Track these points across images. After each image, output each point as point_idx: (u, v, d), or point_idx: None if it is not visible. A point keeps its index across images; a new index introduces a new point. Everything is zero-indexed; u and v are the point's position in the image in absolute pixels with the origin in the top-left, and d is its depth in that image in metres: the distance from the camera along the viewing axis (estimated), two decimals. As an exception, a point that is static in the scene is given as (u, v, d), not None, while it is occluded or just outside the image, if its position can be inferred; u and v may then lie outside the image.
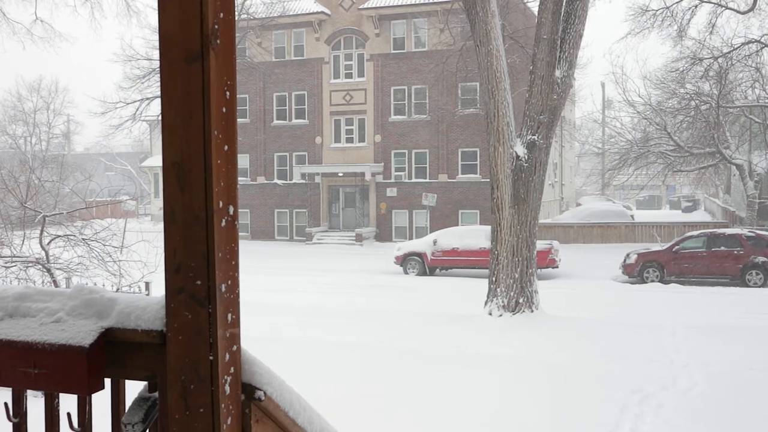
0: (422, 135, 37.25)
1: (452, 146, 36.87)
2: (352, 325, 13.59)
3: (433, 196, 35.21)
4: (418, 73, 36.97)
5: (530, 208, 14.36)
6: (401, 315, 14.84)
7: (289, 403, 1.85)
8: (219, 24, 1.64)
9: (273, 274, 23.20)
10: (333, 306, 16.48)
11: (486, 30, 14.13)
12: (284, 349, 10.14)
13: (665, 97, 33.87)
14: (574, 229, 35.21)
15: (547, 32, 14.10)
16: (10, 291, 1.96)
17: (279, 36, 39.74)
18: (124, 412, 1.79)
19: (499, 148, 14.23)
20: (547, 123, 14.32)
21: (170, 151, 1.65)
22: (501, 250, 14.32)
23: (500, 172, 14.27)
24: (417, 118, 37.34)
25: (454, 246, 25.44)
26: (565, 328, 13.08)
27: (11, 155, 39.17)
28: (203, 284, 1.63)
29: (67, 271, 11.92)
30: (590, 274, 24.78)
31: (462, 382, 9.17)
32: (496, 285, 14.40)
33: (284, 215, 40.05)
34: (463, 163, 36.82)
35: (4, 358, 1.80)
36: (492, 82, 14.21)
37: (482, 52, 14.25)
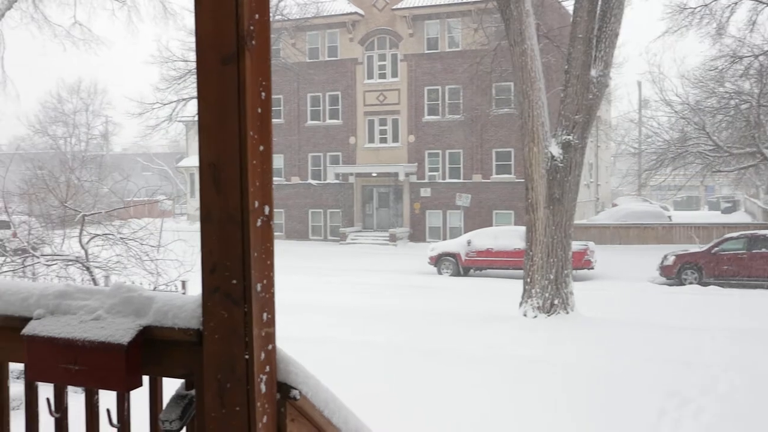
0: (456, 135, 37.13)
1: (486, 146, 36.69)
2: (384, 325, 13.59)
3: (467, 196, 35.07)
4: (451, 73, 36.85)
5: (565, 208, 14.23)
6: (434, 315, 14.81)
7: (324, 402, 1.86)
8: (254, 25, 1.66)
9: (307, 274, 23.32)
10: (366, 306, 16.50)
11: (520, 29, 14.03)
12: (317, 348, 10.17)
13: (704, 97, 33.30)
14: (610, 230, 34.80)
15: (582, 31, 13.96)
16: (51, 289, 2.00)
17: (313, 37, 39.92)
18: (162, 409, 1.81)
19: (533, 148, 14.13)
20: (582, 123, 14.18)
21: (206, 151, 1.67)
22: (536, 250, 14.21)
23: (535, 173, 14.16)
24: (451, 118, 37.23)
25: (488, 246, 25.32)
26: (601, 330, 12.93)
27: (52, 155, 39.91)
28: (239, 284, 1.64)
29: (106, 270, 12.11)
30: (627, 275, 24.47)
31: (494, 384, 9.12)
32: (530, 286, 14.30)
33: (318, 215, 40.21)
34: (497, 163, 36.62)
35: (46, 354, 1.84)
36: (526, 82, 14.11)
37: (516, 51, 14.16)
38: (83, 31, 30.82)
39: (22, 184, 19.20)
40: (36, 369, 1.88)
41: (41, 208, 15.30)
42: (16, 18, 52.58)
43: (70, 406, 2.04)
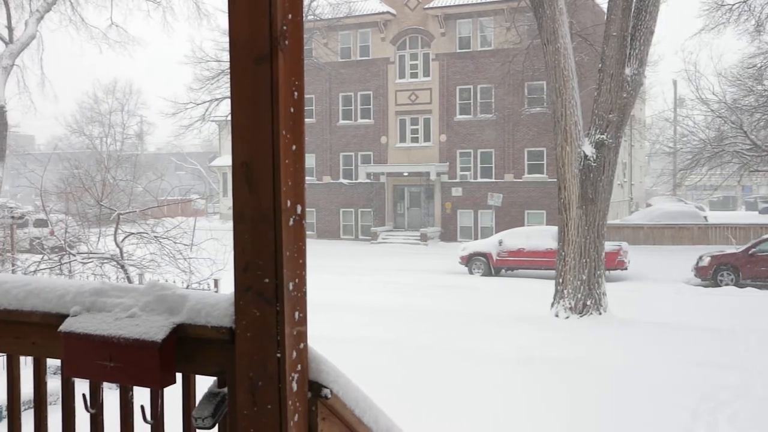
0: (488, 134, 36.96)
1: (518, 146, 36.47)
2: (415, 324, 13.58)
3: (498, 196, 34.89)
4: (483, 72, 36.69)
5: (598, 208, 14.09)
6: (465, 315, 14.76)
7: (355, 401, 1.86)
8: (287, 25, 1.66)
9: (338, 273, 23.38)
10: (397, 306, 16.50)
11: (553, 28, 13.92)
12: (347, 347, 10.19)
13: (741, 95, 32.70)
14: (644, 230, 34.36)
15: (616, 29, 13.81)
16: (87, 286, 2.02)
17: (345, 36, 40.02)
18: (195, 407, 1.83)
19: (566, 147, 14.01)
20: (616, 122, 14.03)
21: (239, 151, 1.68)
22: (568, 251, 14.09)
23: (567, 172, 14.05)
24: (483, 117, 37.07)
25: (519, 246, 25.16)
26: (634, 331, 12.78)
27: (88, 155, 40.51)
28: (271, 282, 1.65)
29: (140, 268, 12.27)
30: (661, 276, 24.14)
31: (525, 384, 9.06)
32: (563, 286, 14.19)
33: (349, 214, 40.31)
34: (529, 162, 36.39)
35: (82, 350, 1.87)
36: (559, 80, 14.00)
37: (549, 50, 14.05)
38: (119, 33, 31.28)
39: (60, 183, 19.52)
40: (72, 365, 1.91)
41: (78, 207, 15.54)
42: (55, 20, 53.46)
43: (105, 402, 2.07)
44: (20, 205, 26.83)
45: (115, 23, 44.65)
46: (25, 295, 2.07)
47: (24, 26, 25.00)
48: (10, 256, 16.33)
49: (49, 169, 16.12)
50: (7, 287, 2.11)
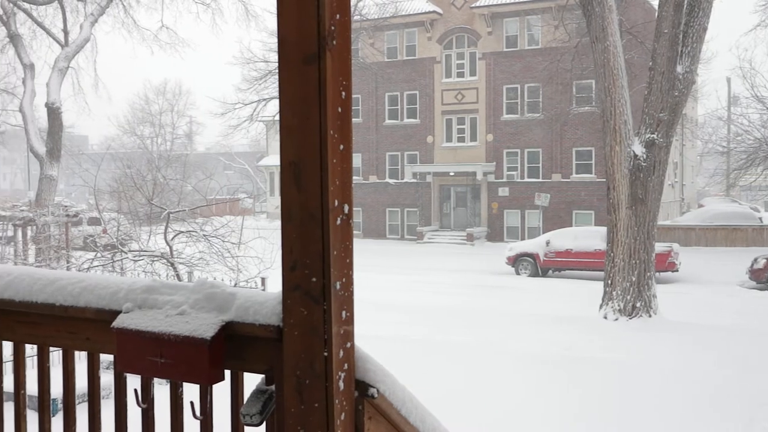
0: (535, 134, 36.61)
1: (566, 145, 36.05)
2: (461, 325, 13.53)
3: (546, 196, 34.54)
4: (531, 71, 36.35)
5: (648, 209, 13.84)
6: (511, 316, 14.65)
7: (401, 401, 1.86)
8: (335, 25, 1.67)
9: (383, 273, 23.41)
10: (443, 305, 16.46)
11: (603, 26, 13.72)
12: (392, 346, 10.21)
13: (799, 92, 31.79)
14: (696, 231, 33.63)
15: (668, 26, 13.54)
16: (139, 283, 2.06)
17: (391, 36, 40.05)
18: (243, 403, 1.84)
19: (615, 147, 13.80)
20: (667, 121, 13.76)
21: (287, 150, 1.69)
22: (617, 252, 13.88)
23: (617, 172, 13.83)
24: (530, 116, 36.73)
25: (567, 247, 24.87)
26: (685, 334, 12.52)
27: (139, 155, 41.37)
28: (318, 281, 1.66)
29: (189, 266, 12.45)
30: (713, 278, 23.60)
31: (571, 386, 8.95)
32: (611, 288, 13.97)
33: (396, 214, 40.33)
34: (577, 162, 35.94)
35: (134, 347, 1.90)
36: (609, 79, 13.79)
37: (599, 48, 13.86)
38: (169, 35, 31.90)
39: (112, 183, 19.96)
40: (124, 360, 1.95)
41: (129, 206, 15.86)
42: (109, 23, 54.67)
43: (156, 398, 2.10)
44: (75, 204, 27.52)
45: (166, 25, 45.50)
46: (79, 291, 2.12)
47: (79, 29, 25.63)
48: (65, 253, 16.75)
49: (103, 169, 16.50)
50: (62, 283, 2.16)
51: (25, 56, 25.65)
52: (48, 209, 19.32)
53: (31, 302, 2.18)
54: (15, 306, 2.21)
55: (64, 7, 26.19)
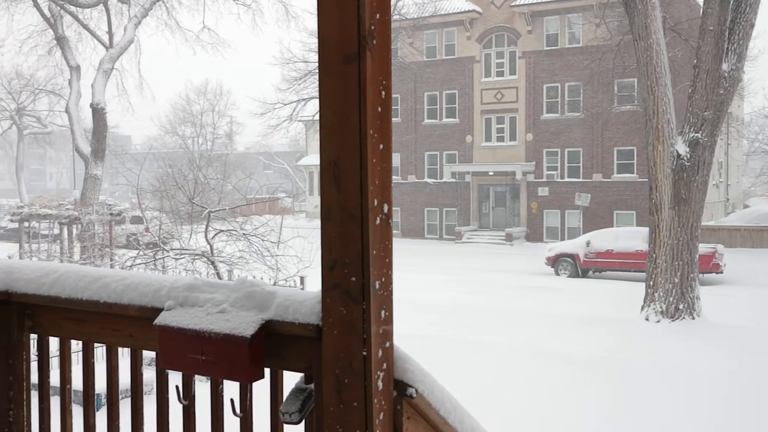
0: (576, 133, 36.22)
1: (607, 144, 35.59)
2: (498, 325, 13.44)
3: (586, 196, 34.15)
4: (571, 69, 35.97)
5: (692, 209, 13.59)
6: (551, 317, 14.51)
7: (440, 401, 1.85)
8: (375, 25, 1.67)
9: (421, 273, 23.38)
10: (482, 306, 16.37)
11: (645, 23, 13.51)
12: (430, 346, 10.18)
13: None
14: (742, 232, 32.93)
15: (713, 23, 13.28)
16: (180, 281, 2.09)
17: (430, 35, 39.98)
18: (282, 402, 1.86)
19: (658, 146, 13.58)
20: (712, 119, 13.50)
21: (327, 150, 1.70)
22: (659, 253, 13.66)
23: (659, 172, 13.61)
24: (570, 116, 36.35)
25: (608, 248, 24.56)
26: (730, 337, 12.26)
27: (181, 154, 41.95)
28: (357, 281, 1.66)
29: (229, 264, 12.58)
30: (759, 280, 23.07)
31: (611, 389, 8.83)
32: (653, 289, 13.76)
33: (434, 214, 40.25)
34: (618, 162, 35.46)
35: (176, 344, 1.93)
36: (651, 77, 13.57)
37: (641, 46, 13.64)
38: (211, 35, 32.23)
39: (155, 182, 20.26)
40: (166, 357, 1.97)
41: (171, 205, 16.08)
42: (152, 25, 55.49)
43: (197, 395, 2.13)
44: (118, 203, 28.00)
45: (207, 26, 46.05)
46: (123, 288, 2.15)
47: (123, 31, 26.09)
48: (109, 251, 17.07)
49: (145, 168, 16.76)
50: (106, 281, 2.20)
51: (71, 58, 26.20)
52: (92, 208, 19.71)
53: (77, 299, 2.22)
54: (61, 303, 2.25)
55: (108, 9, 26.68)
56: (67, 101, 26.90)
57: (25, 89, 46.36)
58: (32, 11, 26.70)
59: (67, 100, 26.65)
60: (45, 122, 49.29)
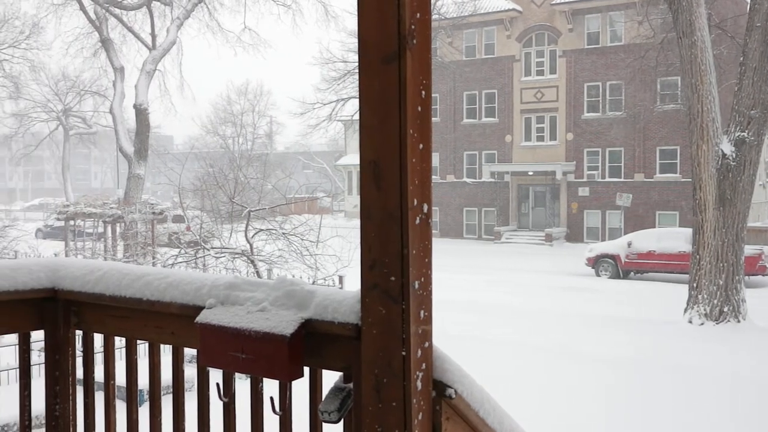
0: (617, 132, 35.74)
1: (649, 144, 35.06)
2: (538, 327, 13.33)
3: (628, 196, 33.68)
4: (613, 68, 35.50)
5: (737, 210, 13.32)
6: (591, 318, 14.35)
7: (479, 402, 1.84)
8: (415, 24, 1.66)
9: (461, 272, 23.30)
10: (520, 307, 16.26)
11: (690, 20, 13.28)
12: (467, 346, 10.14)
13: None
14: (789, 233, 32.13)
15: (761, 19, 13.00)
16: (221, 280, 2.11)
17: (470, 35, 39.81)
18: (321, 400, 1.86)
19: (702, 146, 13.34)
20: (759, 118, 13.21)
21: (367, 149, 1.70)
22: (703, 254, 13.41)
23: (703, 172, 13.37)
24: (612, 115, 35.88)
25: (650, 249, 24.18)
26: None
27: (221, 154, 42.44)
28: (397, 281, 1.66)
29: (269, 263, 12.69)
30: (807, 283, 22.51)
31: (653, 391, 8.69)
32: (697, 291, 13.51)
33: (473, 214, 40.07)
34: (661, 161, 34.90)
35: (217, 342, 1.95)
36: (696, 75, 13.33)
37: (685, 44, 13.41)
38: (252, 36, 32.54)
39: (196, 181, 20.53)
40: (207, 355, 2.00)
41: (212, 204, 16.28)
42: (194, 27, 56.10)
43: (236, 392, 2.15)
44: (160, 202, 28.44)
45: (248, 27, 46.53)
46: (165, 286, 2.18)
47: (166, 33, 26.49)
48: (151, 249, 17.34)
49: (187, 168, 16.98)
50: (149, 279, 2.24)
51: (115, 60, 26.69)
52: (135, 207, 20.05)
53: (121, 297, 2.26)
54: (106, 300, 2.29)
55: (152, 11, 27.11)
56: (111, 102, 27.42)
57: (71, 91, 47.41)
58: (78, 14, 27.31)
59: (112, 101, 27.16)
60: (90, 123, 50.28)
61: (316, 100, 40.41)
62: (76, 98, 48.13)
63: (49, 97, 47.36)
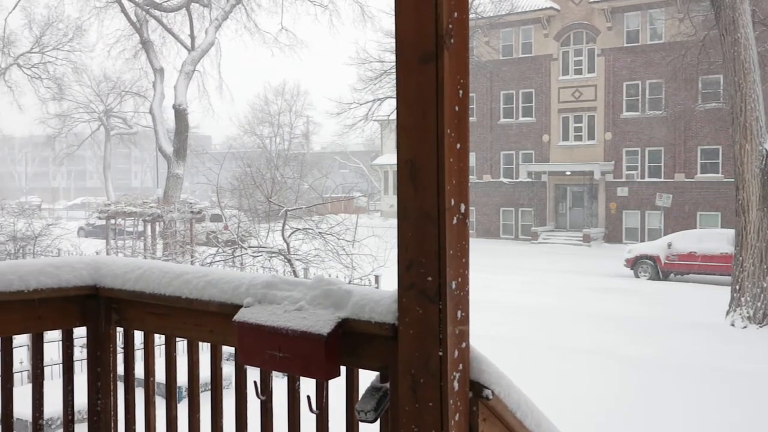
0: (657, 132, 35.20)
1: (690, 143, 34.46)
2: (575, 328, 13.19)
3: (668, 196, 33.16)
4: (653, 66, 34.98)
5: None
6: (629, 320, 14.15)
7: (516, 404, 1.83)
8: (453, 23, 1.66)
9: (497, 273, 23.17)
10: (557, 308, 16.10)
11: (733, 17, 13.03)
12: (502, 347, 10.07)
13: None
14: (835, 235, 31.34)
15: (806, 16, 12.70)
16: (259, 279, 2.13)
17: (506, 34, 39.55)
18: (358, 400, 1.87)
19: (745, 145, 13.08)
20: (804, 117, 12.92)
21: (404, 149, 1.69)
22: (746, 256, 13.15)
23: (747, 171, 13.11)
24: (651, 114, 35.35)
25: (691, 250, 23.78)
26: (822, 345, 11.71)
27: (259, 154, 42.78)
28: (434, 281, 1.65)
29: (305, 262, 12.75)
30: None
31: (700, 397, 8.54)
32: (739, 294, 13.26)
33: (509, 214, 39.82)
34: (702, 161, 34.29)
35: (254, 340, 1.96)
36: (739, 73, 13.08)
37: (728, 41, 13.16)
38: (289, 36, 32.82)
39: (233, 181, 20.74)
40: (245, 353, 2.01)
41: (249, 203, 16.42)
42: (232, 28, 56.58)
43: (274, 390, 2.16)
44: (198, 201, 28.79)
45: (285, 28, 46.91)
46: (204, 285, 2.21)
47: (204, 34, 26.79)
48: (190, 248, 17.56)
49: (224, 167, 17.16)
50: (188, 277, 2.26)
51: (155, 61, 27.08)
52: (174, 206, 20.32)
53: (161, 295, 2.29)
54: (146, 298, 2.33)
55: (191, 13, 27.45)
56: (151, 103, 27.83)
57: (113, 92, 48.24)
58: (120, 16, 27.76)
59: (151, 102, 27.56)
60: (130, 123, 51.09)
61: (352, 100, 40.52)
62: (117, 99, 48.97)
63: (91, 98, 48.26)
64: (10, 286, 2.26)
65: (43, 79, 38.88)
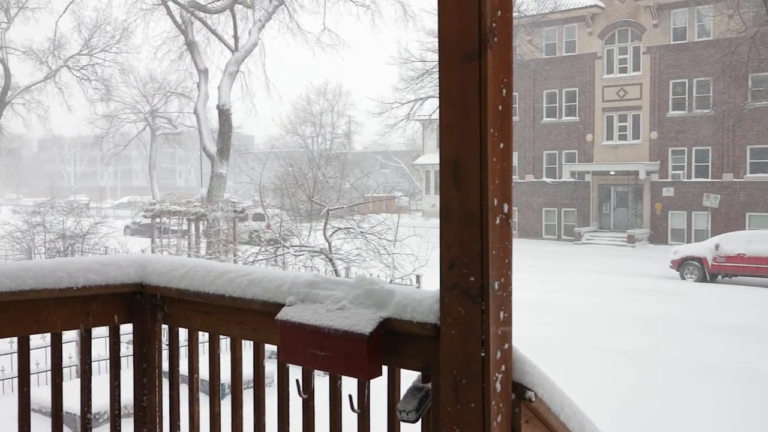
0: (704, 131, 34.49)
1: (739, 143, 33.69)
2: (621, 330, 13.00)
3: (715, 196, 32.48)
4: (700, 64, 34.29)
5: (835, 211, 12.68)
6: (675, 323, 13.90)
7: (560, 406, 1.80)
8: (496, 22, 1.64)
9: (539, 273, 22.95)
10: (601, 309, 15.89)
11: (784, 13, 12.70)
12: (544, 349, 9.98)
13: None
14: None
15: None
16: (301, 278, 2.14)
17: (550, 32, 39.16)
18: (399, 400, 1.86)
19: (797, 144, 12.74)
20: None
21: (447, 148, 1.69)
22: (797, 258, 12.81)
23: (798, 171, 12.77)
24: (698, 113, 34.65)
25: (739, 252, 23.25)
26: None
27: (301, 154, 43.10)
28: (476, 281, 1.64)
29: (347, 261, 12.80)
30: None
31: (747, 401, 8.35)
32: (790, 297, 12.92)
33: (552, 214, 39.42)
34: (752, 161, 33.49)
35: (297, 339, 1.98)
36: (790, 70, 12.75)
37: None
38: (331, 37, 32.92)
39: (276, 180, 20.91)
40: (287, 352, 2.03)
41: (291, 203, 16.54)
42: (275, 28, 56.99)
43: (316, 389, 2.17)
44: (241, 200, 29.09)
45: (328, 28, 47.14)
46: (247, 284, 2.23)
47: (248, 35, 27.06)
48: (233, 246, 17.76)
49: (267, 167, 17.33)
50: (231, 276, 2.29)
51: (200, 62, 27.44)
52: (218, 205, 20.57)
53: (205, 293, 2.32)
54: (190, 296, 2.36)
55: (234, 14, 27.76)
56: (195, 103, 28.21)
57: (158, 92, 49.05)
58: (165, 18, 28.21)
59: (196, 102, 27.93)
60: (175, 123, 51.87)
61: (394, 100, 40.57)
62: (162, 100, 49.77)
63: (137, 99, 49.15)
64: (59, 283, 2.31)
65: (92, 80, 39.72)
